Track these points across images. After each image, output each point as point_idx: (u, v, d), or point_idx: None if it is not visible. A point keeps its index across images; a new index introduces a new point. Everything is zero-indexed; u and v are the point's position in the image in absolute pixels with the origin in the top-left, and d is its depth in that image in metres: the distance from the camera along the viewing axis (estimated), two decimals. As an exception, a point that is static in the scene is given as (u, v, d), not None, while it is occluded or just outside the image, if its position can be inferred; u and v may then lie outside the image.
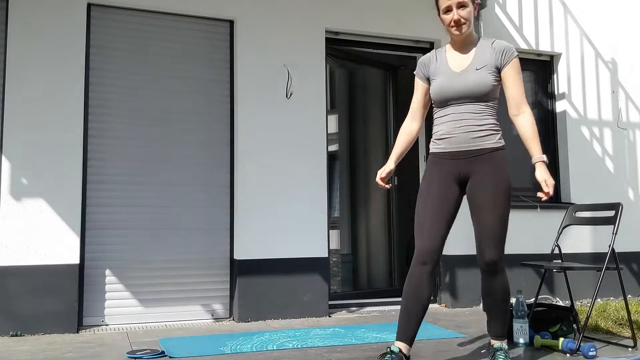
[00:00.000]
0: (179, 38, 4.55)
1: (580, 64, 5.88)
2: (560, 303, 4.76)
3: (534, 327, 3.50)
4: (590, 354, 3.13)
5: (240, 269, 4.41)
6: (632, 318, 3.60)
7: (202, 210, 4.49)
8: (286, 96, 4.65)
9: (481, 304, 4.85)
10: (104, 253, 4.21)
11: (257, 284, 4.43)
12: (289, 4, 4.76)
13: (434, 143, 3.00)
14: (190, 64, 4.56)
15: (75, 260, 4.02)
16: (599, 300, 4.81)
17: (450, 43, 3.03)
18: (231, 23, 4.68)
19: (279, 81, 4.65)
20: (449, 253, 3.15)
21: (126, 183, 4.32)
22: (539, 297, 3.88)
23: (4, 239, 3.89)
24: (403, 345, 2.81)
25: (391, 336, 3.67)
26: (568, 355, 3.20)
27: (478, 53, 2.92)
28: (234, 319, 4.43)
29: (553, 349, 3.32)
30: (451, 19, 2.88)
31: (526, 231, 5.17)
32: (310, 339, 3.66)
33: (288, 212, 4.56)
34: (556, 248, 3.77)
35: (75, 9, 4.19)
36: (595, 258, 5.22)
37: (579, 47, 5.89)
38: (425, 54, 5.23)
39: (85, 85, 4.19)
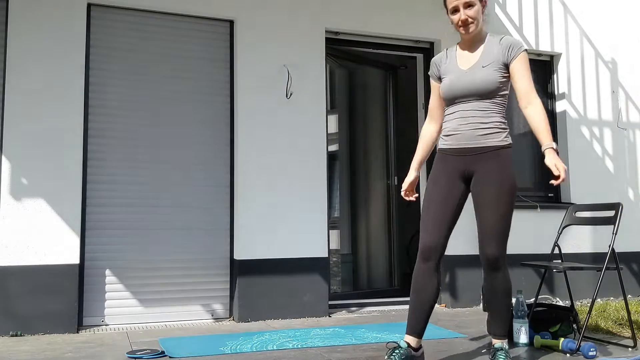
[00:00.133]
0: (179, 38, 4.55)
1: (580, 64, 5.88)
2: (560, 303, 4.76)
3: (534, 327, 3.50)
4: (590, 354, 3.13)
5: (240, 269, 4.41)
6: (632, 318, 3.60)
7: (202, 210, 4.49)
8: (286, 96, 4.65)
9: (481, 304, 4.88)
10: (104, 253, 4.21)
11: (257, 284, 4.43)
12: (289, 4, 4.76)
13: (442, 139, 3.05)
14: (190, 64, 4.56)
15: (75, 260, 4.02)
16: (599, 300, 4.81)
17: (460, 42, 3.06)
18: (231, 23, 4.68)
19: (279, 81, 4.65)
20: (449, 253, 3.13)
21: (126, 183, 4.32)
22: (539, 297, 3.88)
23: (4, 239, 3.89)
24: (412, 339, 2.87)
25: (391, 336, 3.68)
26: (568, 355, 3.20)
27: (486, 50, 2.95)
28: (234, 319, 4.43)
29: (553, 349, 3.32)
30: (458, 19, 2.91)
31: (526, 231, 5.17)
32: (310, 339, 3.66)
33: (288, 212, 4.56)
34: (556, 248, 3.77)
35: (75, 8, 4.19)
36: (595, 258, 5.22)
37: (579, 47, 5.89)
38: (425, 54, 5.35)
39: (85, 85, 4.19)
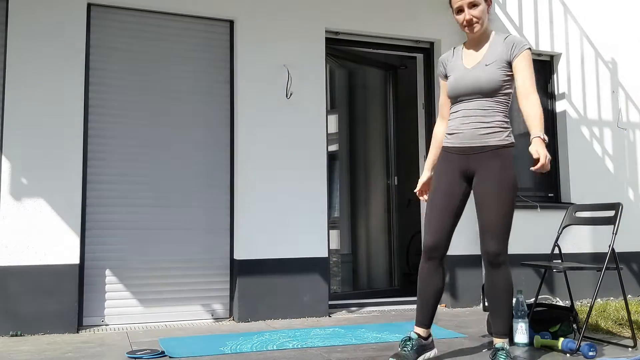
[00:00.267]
0: (179, 38, 4.55)
1: (580, 64, 5.88)
2: (560, 303, 4.76)
3: (534, 327, 3.49)
4: (590, 354, 3.13)
5: (240, 269, 4.41)
6: (632, 318, 3.60)
7: (202, 210, 4.49)
8: (286, 96, 4.65)
9: (481, 304, 4.88)
10: (104, 253, 4.21)
11: (257, 284, 4.43)
12: (289, 4, 4.76)
13: (446, 138, 3.08)
14: (190, 64, 4.56)
15: (75, 260, 4.02)
16: (599, 300, 4.81)
17: (466, 40, 3.10)
18: (231, 23, 4.68)
19: (279, 81, 4.65)
20: (449, 253, 3.14)
21: (126, 183, 4.32)
22: (539, 297, 3.88)
23: (4, 239, 3.89)
24: (421, 330, 3.03)
25: (391, 336, 3.68)
26: (568, 355, 3.20)
27: (490, 49, 2.97)
28: (234, 319, 4.43)
29: (553, 349, 3.32)
30: (463, 19, 2.94)
31: (526, 231, 5.17)
32: (310, 339, 3.66)
33: (288, 212, 4.56)
34: (556, 248, 3.77)
35: (75, 8, 4.19)
36: (595, 258, 5.22)
37: (579, 47, 5.89)
38: (425, 54, 5.35)
39: (85, 85, 4.19)
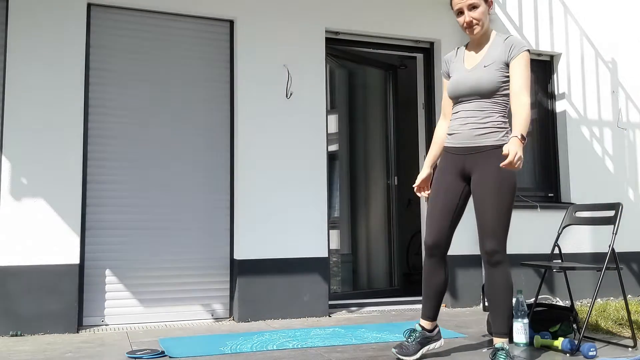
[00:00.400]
0: (179, 38, 4.55)
1: (580, 64, 5.88)
2: (560, 303, 4.76)
3: (534, 327, 3.49)
4: (590, 354, 3.13)
5: (240, 269, 4.41)
6: (632, 318, 3.60)
7: (202, 210, 4.49)
8: (286, 96, 4.65)
9: (481, 304, 4.88)
10: (104, 253, 4.21)
11: (257, 284, 4.43)
12: (289, 4, 4.76)
13: (447, 138, 3.13)
14: (190, 64, 4.56)
15: (75, 260, 4.02)
16: (599, 300, 4.81)
17: (469, 41, 3.13)
18: (231, 23, 4.68)
19: (279, 81, 4.65)
20: (449, 253, 3.15)
21: (126, 183, 4.32)
22: (539, 297, 3.88)
23: (4, 239, 3.89)
24: (426, 322, 3.13)
25: (391, 336, 3.68)
26: (568, 355, 3.20)
27: (490, 50, 3.00)
28: (234, 319, 4.43)
29: (553, 349, 3.32)
30: (463, 21, 2.98)
31: (526, 231, 5.17)
32: (310, 339, 3.66)
33: (288, 212, 4.56)
34: (556, 248, 3.77)
35: (75, 9, 4.19)
36: (595, 258, 5.22)
37: (579, 47, 5.89)
38: (425, 54, 5.35)
39: (85, 85, 4.19)
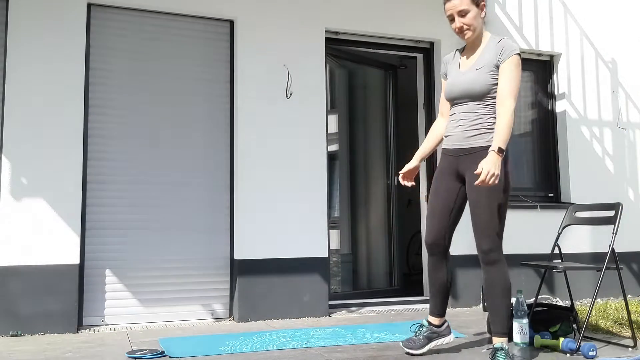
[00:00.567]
0: (179, 38, 4.55)
1: (580, 64, 5.88)
2: (560, 303, 4.76)
3: (534, 327, 3.49)
4: (590, 354, 3.13)
5: (240, 269, 4.41)
6: (632, 318, 3.60)
7: (202, 210, 4.49)
8: (286, 96, 4.65)
9: (481, 304, 4.88)
10: (104, 253, 4.21)
11: (257, 284, 4.43)
12: (289, 4, 4.76)
13: (444, 139, 3.19)
14: (190, 64, 4.56)
15: (75, 260, 4.02)
16: (599, 300, 4.81)
17: (465, 44, 3.18)
18: (231, 23, 4.68)
19: (279, 81, 4.65)
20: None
21: (126, 183, 4.32)
22: (539, 297, 3.88)
23: (4, 239, 3.89)
24: (433, 318, 3.22)
25: (391, 336, 3.68)
26: (568, 355, 3.20)
27: (483, 53, 3.03)
28: (234, 319, 4.43)
29: (553, 349, 3.32)
30: (455, 27, 3.03)
31: (526, 231, 5.17)
32: (310, 339, 3.66)
33: (288, 212, 4.56)
34: (556, 248, 3.77)
35: (75, 9, 4.19)
36: (595, 258, 5.21)
37: (579, 47, 5.89)
38: (425, 54, 5.36)
39: (85, 85, 4.19)
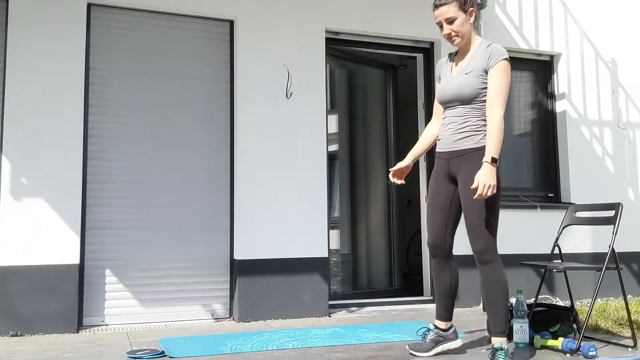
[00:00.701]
0: (179, 38, 4.55)
1: (580, 64, 5.88)
2: (560, 303, 4.76)
3: (534, 327, 3.49)
4: (590, 354, 3.13)
5: (240, 269, 4.41)
6: (632, 318, 3.60)
7: (202, 210, 4.49)
8: (286, 96, 4.65)
9: (481, 304, 4.87)
10: (104, 253, 4.21)
11: (257, 284, 4.43)
12: (289, 4, 4.76)
13: (437, 143, 3.23)
14: (190, 64, 4.56)
15: (75, 260, 4.02)
16: (599, 300, 4.81)
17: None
18: (231, 23, 4.68)
19: (279, 81, 4.65)
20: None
21: (126, 183, 4.32)
22: (539, 297, 3.88)
23: (4, 239, 3.89)
24: (439, 322, 3.22)
25: (391, 336, 3.69)
26: (568, 355, 3.20)
27: (473, 58, 3.07)
28: (234, 319, 4.43)
29: (553, 349, 3.33)
30: (444, 34, 3.08)
31: (526, 231, 5.17)
32: (310, 339, 3.66)
33: (288, 212, 4.56)
34: (556, 248, 3.77)
35: (75, 8, 4.19)
36: (595, 258, 5.22)
37: (579, 47, 5.89)
38: (425, 54, 5.36)
39: (85, 85, 4.19)
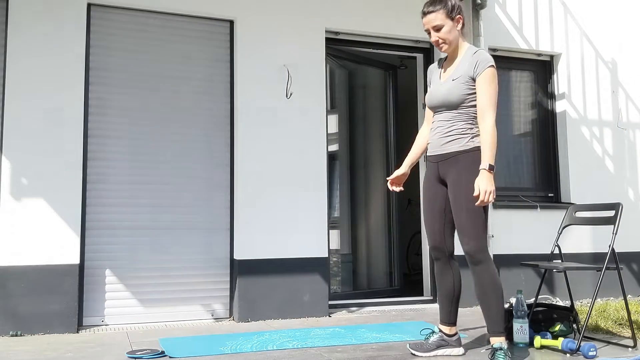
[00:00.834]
0: (179, 38, 4.55)
1: (580, 64, 5.88)
2: (560, 303, 4.76)
3: (534, 327, 3.50)
4: (590, 354, 3.13)
5: (240, 269, 4.41)
6: (632, 318, 3.60)
7: (202, 210, 4.49)
8: (286, 96, 4.65)
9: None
10: (104, 253, 4.21)
11: (257, 284, 4.43)
12: (289, 4, 4.76)
13: (427, 147, 3.28)
14: (190, 64, 4.56)
15: (75, 260, 4.02)
16: (599, 300, 4.81)
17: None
18: (231, 23, 4.68)
19: (279, 81, 4.65)
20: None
21: (126, 183, 4.32)
22: (539, 297, 3.88)
23: (4, 238, 3.89)
24: (443, 327, 3.23)
25: (391, 336, 3.69)
26: (568, 355, 3.20)
27: (460, 64, 3.11)
28: (234, 319, 4.43)
29: (553, 349, 3.33)
30: (432, 41, 3.13)
31: (526, 231, 5.17)
32: (310, 339, 3.66)
33: (288, 212, 4.56)
34: (556, 248, 3.77)
35: (75, 9, 4.19)
36: (595, 258, 5.22)
37: (579, 47, 5.89)
38: (425, 54, 5.36)
39: (85, 85, 4.19)
